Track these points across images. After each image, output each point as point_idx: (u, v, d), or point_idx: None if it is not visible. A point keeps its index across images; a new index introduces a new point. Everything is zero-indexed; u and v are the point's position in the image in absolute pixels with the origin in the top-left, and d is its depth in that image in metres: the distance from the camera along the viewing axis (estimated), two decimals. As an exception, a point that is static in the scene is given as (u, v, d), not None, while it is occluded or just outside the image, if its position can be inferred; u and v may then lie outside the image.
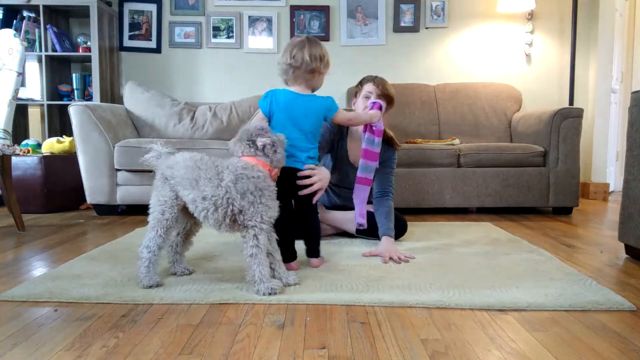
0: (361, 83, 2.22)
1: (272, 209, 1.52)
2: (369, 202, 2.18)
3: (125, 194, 3.04)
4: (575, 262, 1.91)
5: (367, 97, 2.13)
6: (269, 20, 4.00)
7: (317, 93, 1.86)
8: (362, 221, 2.05)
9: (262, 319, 1.31)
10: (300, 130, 1.75)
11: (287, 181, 1.73)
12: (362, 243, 2.22)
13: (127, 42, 4.01)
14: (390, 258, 1.87)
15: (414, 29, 4.01)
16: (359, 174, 2.02)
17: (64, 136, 3.44)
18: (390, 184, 2.19)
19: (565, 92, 4.01)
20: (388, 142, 2.19)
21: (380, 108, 2.02)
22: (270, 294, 1.46)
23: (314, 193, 1.77)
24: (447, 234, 2.45)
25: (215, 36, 4.01)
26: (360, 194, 2.03)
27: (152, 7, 4.00)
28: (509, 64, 4.05)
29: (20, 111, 3.83)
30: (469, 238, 2.33)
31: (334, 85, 4.01)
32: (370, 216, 2.27)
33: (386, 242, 1.98)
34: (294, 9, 3.98)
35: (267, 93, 1.77)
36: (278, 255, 1.59)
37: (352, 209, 2.19)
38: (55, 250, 2.12)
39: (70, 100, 3.73)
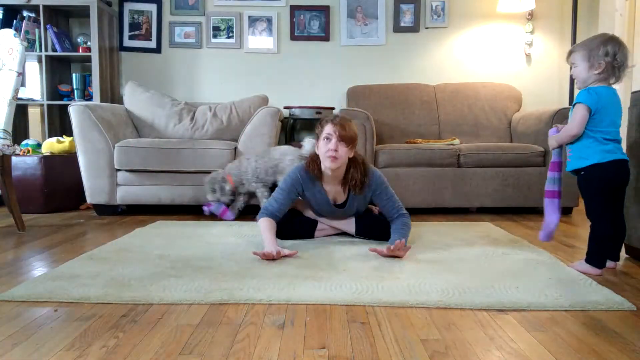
0: (321, 124, 2.11)
1: None
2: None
3: (125, 194, 3.04)
4: (575, 262, 1.91)
5: (328, 139, 2.03)
6: (269, 20, 4.00)
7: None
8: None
9: (262, 319, 1.31)
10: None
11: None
12: (362, 243, 2.22)
13: (127, 42, 4.01)
14: (391, 253, 1.88)
15: (414, 29, 4.01)
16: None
17: (64, 136, 3.44)
18: (395, 205, 2.18)
19: (565, 92, 4.01)
20: (364, 173, 2.14)
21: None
22: None
23: None
24: (447, 234, 2.45)
25: (215, 36, 4.01)
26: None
27: (152, 7, 4.00)
28: (509, 64, 4.05)
29: (20, 111, 3.83)
30: (469, 238, 2.33)
31: (333, 86, 4.02)
32: (369, 218, 2.28)
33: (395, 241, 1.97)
34: (294, 9, 3.98)
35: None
36: None
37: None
38: (55, 250, 2.12)
39: (70, 100, 3.73)
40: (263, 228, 2.07)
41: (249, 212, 3.12)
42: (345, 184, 2.18)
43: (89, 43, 3.71)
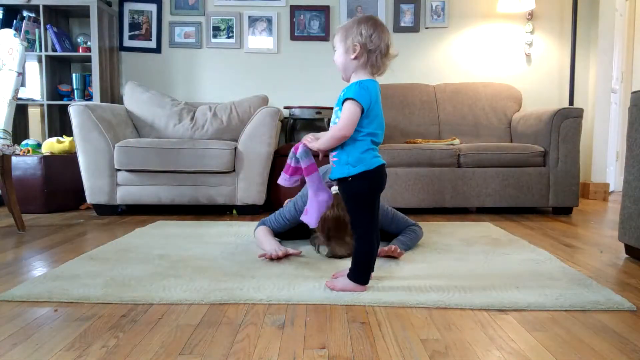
0: None
1: None
2: None
3: (125, 194, 3.04)
4: (575, 262, 1.91)
5: None
6: (269, 20, 4.00)
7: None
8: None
9: (262, 319, 1.31)
10: None
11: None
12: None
13: (127, 42, 4.01)
14: (385, 253, 1.88)
15: (414, 29, 4.01)
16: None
17: (64, 136, 3.44)
18: (403, 219, 2.13)
19: (565, 92, 4.01)
20: None
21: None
22: None
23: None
24: (447, 234, 2.45)
25: (215, 36, 4.01)
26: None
27: (152, 7, 4.00)
28: (509, 64, 4.05)
29: (20, 111, 3.83)
30: (469, 238, 2.33)
31: (333, 86, 4.02)
32: None
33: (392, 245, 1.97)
34: (294, 9, 3.98)
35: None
36: None
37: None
38: (55, 250, 2.12)
39: (70, 100, 3.73)
40: (260, 235, 2.08)
41: (248, 212, 3.12)
42: None
43: (89, 43, 3.71)
